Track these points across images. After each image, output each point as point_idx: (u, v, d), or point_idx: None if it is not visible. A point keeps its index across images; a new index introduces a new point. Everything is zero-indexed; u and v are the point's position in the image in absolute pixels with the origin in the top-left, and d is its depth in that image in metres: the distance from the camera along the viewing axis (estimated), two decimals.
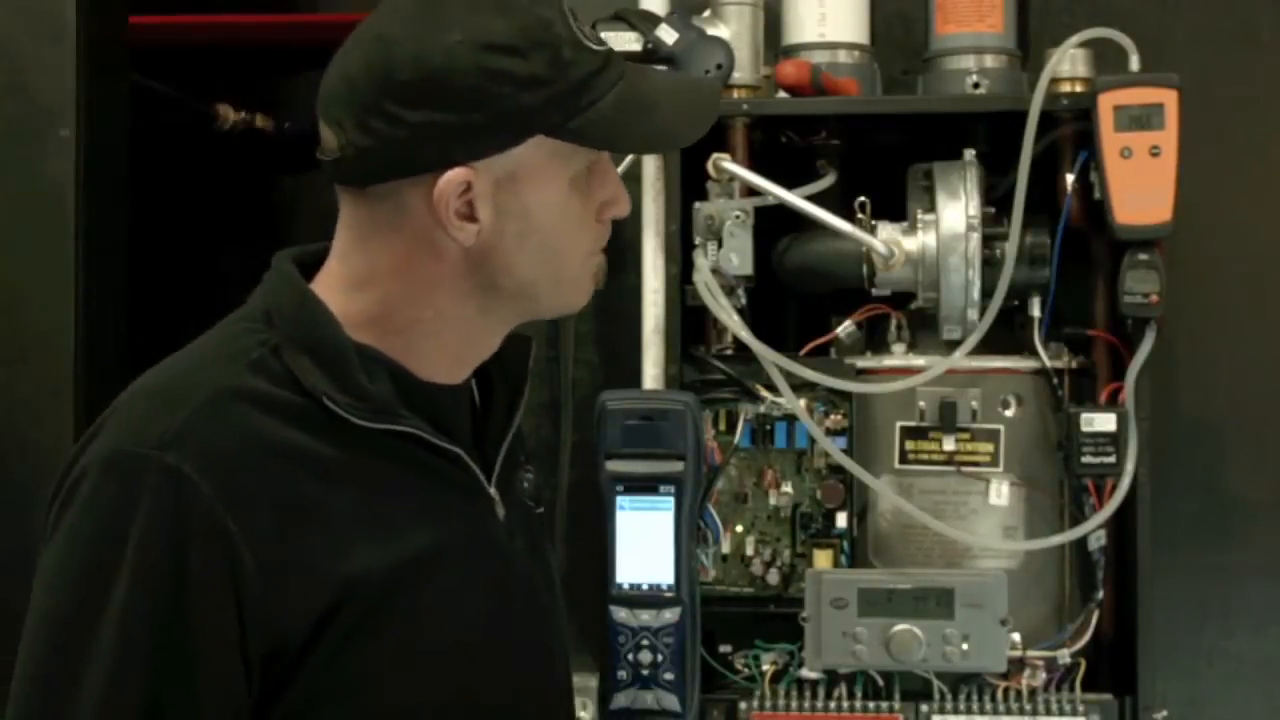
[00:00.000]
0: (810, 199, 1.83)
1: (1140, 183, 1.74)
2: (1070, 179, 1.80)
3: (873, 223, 1.85)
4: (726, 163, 1.84)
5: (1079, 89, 1.82)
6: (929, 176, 1.84)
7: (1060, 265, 1.82)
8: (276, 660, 1.08)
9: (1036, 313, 1.83)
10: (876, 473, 1.81)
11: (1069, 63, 1.82)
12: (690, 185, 1.87)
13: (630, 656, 1.72)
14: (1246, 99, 2.07)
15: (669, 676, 1.72)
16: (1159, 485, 1.84)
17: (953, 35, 1.92)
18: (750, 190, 1.85)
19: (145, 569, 1.05)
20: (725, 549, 1.86)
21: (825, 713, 1.80)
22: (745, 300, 1.85)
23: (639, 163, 1.97)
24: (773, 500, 1.85)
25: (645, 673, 1.72)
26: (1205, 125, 1.85)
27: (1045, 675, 1.80)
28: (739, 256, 1.83)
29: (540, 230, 1.16)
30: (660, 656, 1.72)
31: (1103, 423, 1.77)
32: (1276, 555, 2.07)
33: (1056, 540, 1.79)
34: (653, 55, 1.89)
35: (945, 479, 1.82)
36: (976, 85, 1.89)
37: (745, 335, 1.78)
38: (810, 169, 1.91)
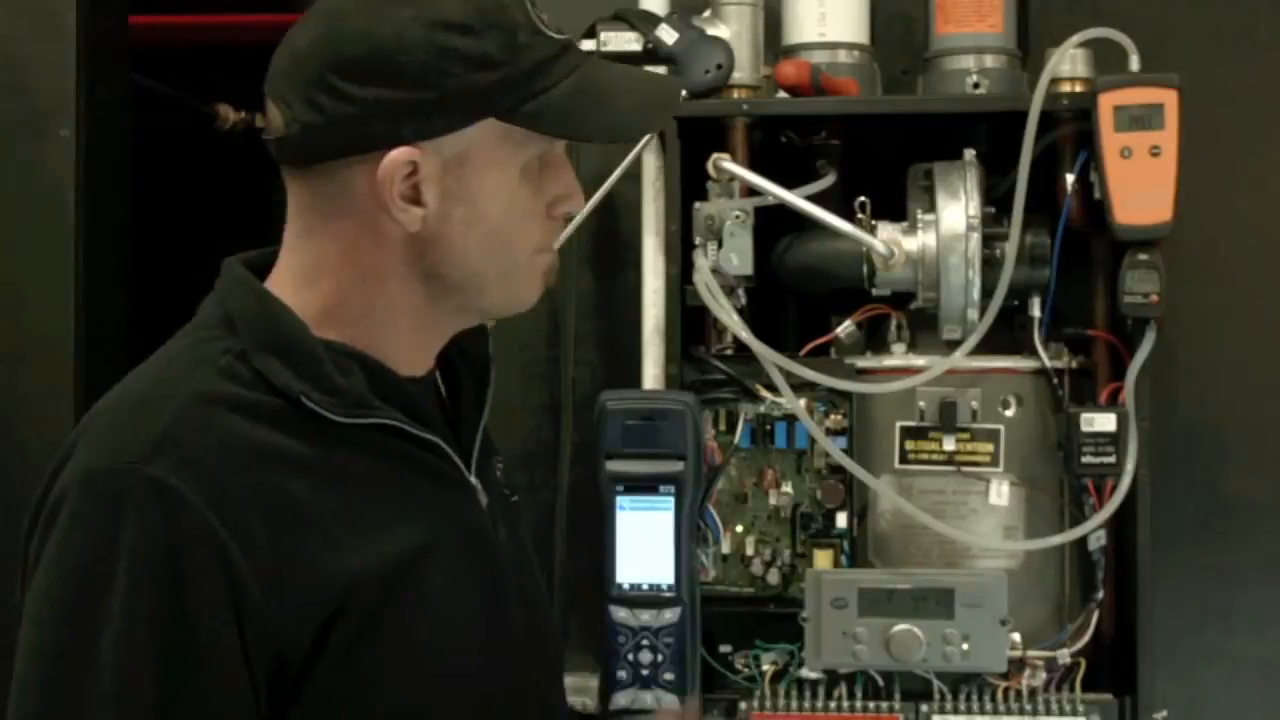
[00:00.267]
0: (810, 199, 1.83)
1: (1140, 183, 1.74)
2: (1070, 179, 1.80)
3: (873, 223, 1.85)
4: (726, 163, 1.84)
5: (1079, 89, 1.82)
6: (929, 176, 1.84)
7: (1060, 265, 1.82)
8: (283, 670, 1.06)
9: (1036, 313, 1.83)
10: (876, 473, 1.81)
11: (1069, 63, 1.82)
12: (690, 185, 1.87)
13: (630, 656, 1.72)
14: (1246, 99, 2.07)
15: (669, 676, 1.72)
16: (1159, 485, 1.84)
17: (953, 35, 1.92)
18: (750, 190, 1.85)
19: (140, 589, 1.02)
20: (725, 549, 1.86)
21: (825, 713, 1.80)
22: (745, 300, 1.85)
23: (639, 163, 1.98)
24: (773, 500, 1.85)
25: (645, 673, 1.72)
26: (1205, 125, 1.85)
27: (1045, 675, 1.80)
28: (739, 256, 1.83)
29: (487, 219, 1.13)
30: (660, 656, 1.72)
31: (1103, 423, 1.77)
32: (1276, 555, 2.07)
33: (1056, 540, 1.79)
34: (653, 55, 1.89)
35: (945, 479, 1.82)
36: (976, 85, 1.89)
37: (745, 335, 1.78)
38: (810, 169, 1.91)
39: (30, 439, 2.00)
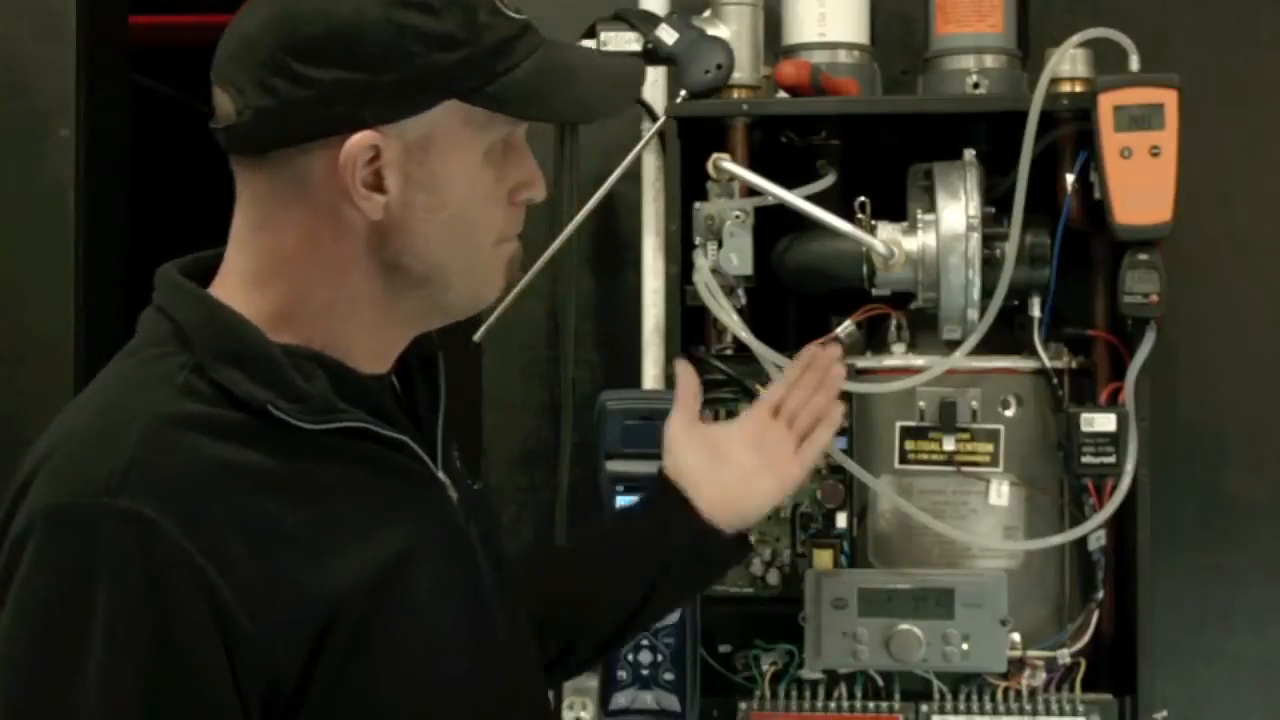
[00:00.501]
0: (810, 199, 1.83)
1: (1140, 183, 1.74)
2: (1070, 179, 1.80)
3: (873, 223, 1.85)
4: (726, 163, 1.84)
5: (1079, 89, 1.82)
6: (929, 176, 1.84)
7: (1060, 265, 1.81)
8: (277, 695, 1.02)
9: (1036, 313, 1.83)
10: (876, 473, 1.81)
11: (1069, 63, 1.82)
12: (690, 185, 1.87)
13: (630, 656, 1.72)
14: (1246, 99, 2.07)
15: (669, 676, 1.72)
16: (1159, 485, 1.84)
17: (953, 35, 1.92)
18: (750, 190, 1.85)
19: (121, 628, 0.97)
20: None
21: (825, 713, 1.80)
22: (745, 300, 1.85)
23: (639, 163, 1.98)
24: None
25: (645, 673, 1.72)
26: (1205, 125, 1.85)
27: (1045, 675, 1.80)
28: (739, 256, 1.83)
29: (450, 205, 1.10)
30: (660, 656, 1.72)
31: (1103, 423, 1.77)
32: (1276, 555, 2.07)
33: (1056, 540, 1.79)
34: (653, 55, 1.89)
35: (945, 479, 1.82)
36: (976, 85, 1.89)
37: (745, 335, 1.78)
38: (810, 169, 1.90)
39: (30, 439, 1.99)
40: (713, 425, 1.58)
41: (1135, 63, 1.77)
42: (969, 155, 1.82)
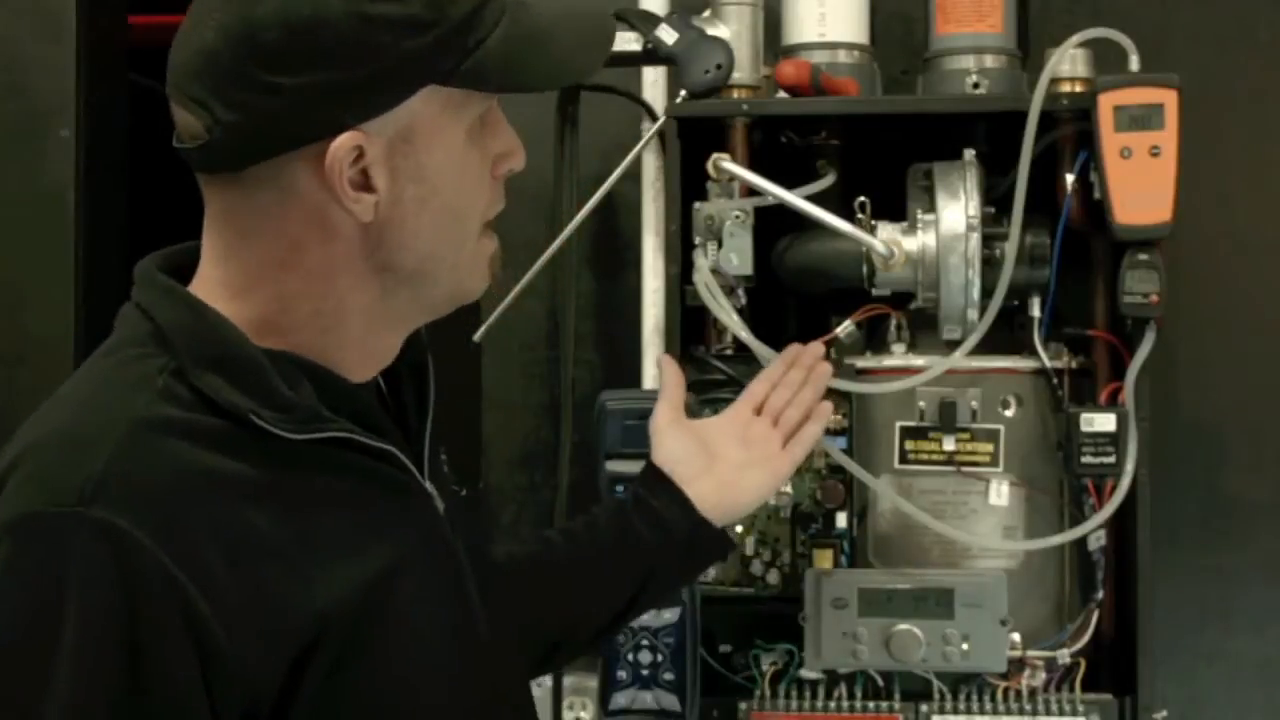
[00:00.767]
0: (810, 199, 1.83)
1: (1140, 183, 1.74)
2: (1070, 179, 1.80)
3: (873, 223, 1.85)
4: (726, 163, 1.84)
5: (1079, 89, 1.81)
6: (929, 176, 1.84)
7: (1060, 265, 1.81)
8: (254, 714, 0.97)
9: (1036, 313, 1.83)
10: (876, 473, 1.81)
11: (1069, 63, 1.81)
12: (690, 185, 1.87)
13: (630, 656, 1.72)
14: (1246, 99, 2.07)
15: (669, 676, 1.72)
16: (1159, 485, 1.83)
17: (953, 35, 1.91)
18: (750, 190, 1.85)
19: (91, 646, 0.92)
20: None
21: (825, 713, 1.79)
22: (745, 300, 1.85)
23: (639, 163, 1.98)
24: (772, 500, 1.84)
25: (645, 673, 1.72)
26: (1205, 125, 1.85)
27: (1045, 675, 1.80)
28: (739, 256, 1.82)
29: (440, 192, 1.06)
30: (660, 656, 1.72)
31: (1103, 423, 1.77)
32: (1276, 555, 2.07)
33: (1056, 540, 1.79)
34: (653, 55, 1.89)
35: (945, 479, 1.82)
36: (976, 85, 1.89)
37: (745, 335, 1.78)
38: (810, 169, 1.90)
39: None
40: (698, 420, 1.57)
41: (1135, 63, 1.77)
42: (969, 155, 1.82)
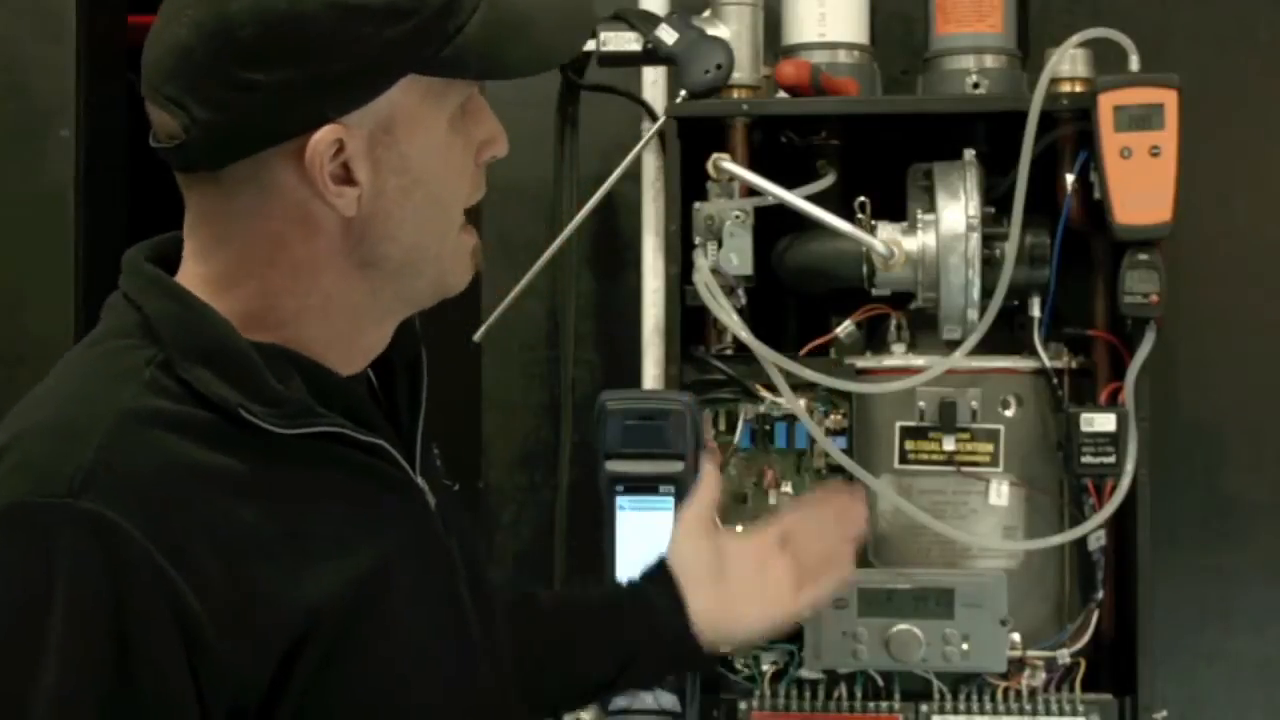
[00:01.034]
0: (810, 199, 1.83)
1: (1140, 183, 1.74)
2: (1070, 179, 1.80)
3: (873, 223, 1.85)
4: (726, 163, 1.84)
5: (1079, 89, 1.81)
6: (929, 176, 1.84)
7: (1060, 265, 1.81)
8: (243, 709, 0.97)
9: (1036, 313, 1.83)
10: (876, 473, 1.81)
11: (1069, 63, 1.81)
12: (690, 185, 1.87)
13: None
14: (1246, 99, 2.07)
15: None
16: (1159, 485, 1.83)
17: (953, 35, 1.91)
18: (750, 190, 1.85)
19: (79, 640, 0.91)
20: None
21: (825, 713, 1.79)
22: (745, 300, 1.85)
23: (639, 163, 1.98)
24: (773, 500, 1.85)
25: None
26: (1205, 125, 1.85)
27: (1045, 675, 1.80)
28: (739, 256, 1.83)
29: (424, 182, 1.05)
30: None
31: (1103, 423, 1.77)
32: (1276, 555, 2.07)
33: (1056, 540, 1.79)
34: (653, 55, 1.89)
35: (945, 479, 1.82)
36: (976, 85, 1.89)
37: (745, 335, 1.78)
38: (810, 169, 1.90)
39: None
40: (722, 532, 1.52)
41: (1135, 63, 1.77)
42: (969, 155, 1.82)
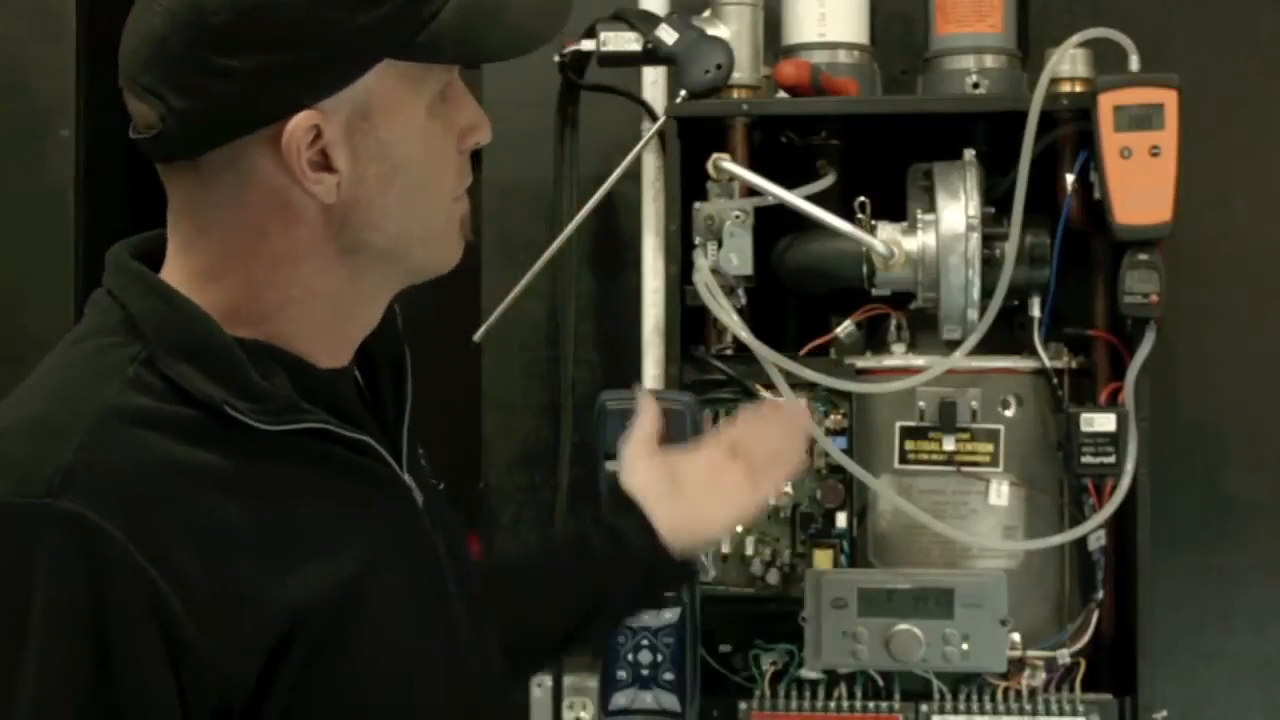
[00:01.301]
0: (810, 199, 1.83)
1: (1140, 183, 1.74)
2: (1070, 179, 1.80)
3: (873, 223, 1.85)
4: (726, 163, 1.84)
5: (1079, 89, 1.82)
6: (929, 176, 1.84)
7: (1060, 265, 1.81)
8: (227, 710, 0.96)
9: (1036, 313, 1.83)
10: (876, 473, 1.81)
11: (1069, 63, 1.81)
12: (690, 185, 1.87)
13: (630, 656, 1.72)
14: (1246, 99, 2.07)
15: (669, 676, 1.71)
16: (1159, 485, 1.83)
17: (953, 35, 1.91)
18: (750, 190, 1.85)
19: (58, 642, 0.90)
20: (725, 549, 1.86)
21: (825, 713, 1.79)
22: (745, 300, 1.85)
23: (639, 163, 1.98)
24: (772, 500, 1.85)
25: (645, 673, 1.72)
26: (1205, 125, 1.85)
27: (1045, 675, 1.80)
28: (739, 256, 1.83)
29: (404, 169, 1.04)
30: (660, 656, 1.72)
31: (1103, 423, 1.77)
32: (1276, 555, 2.07)
33: (1056, 540, 1.79)
34: (653, 55, 1.89)
35: (945, 479, 1.82)
36: (976, 85, 1.89)
37: (745, 335, 1.78)
38: (810, 169, 1.90)
39: None
40: (669, 453, 1.53)
41: (1135, 63, 1.77)
42: (969, 155, 1.82)
